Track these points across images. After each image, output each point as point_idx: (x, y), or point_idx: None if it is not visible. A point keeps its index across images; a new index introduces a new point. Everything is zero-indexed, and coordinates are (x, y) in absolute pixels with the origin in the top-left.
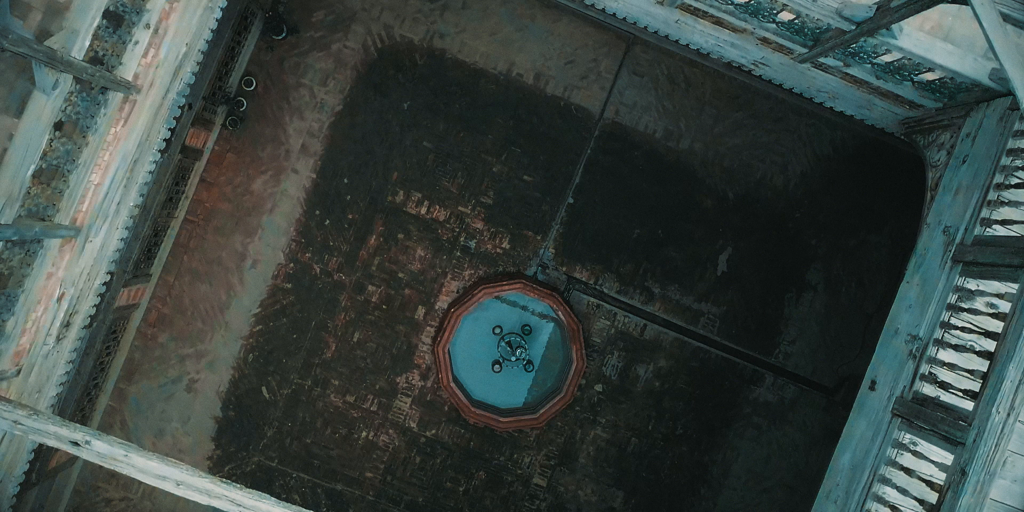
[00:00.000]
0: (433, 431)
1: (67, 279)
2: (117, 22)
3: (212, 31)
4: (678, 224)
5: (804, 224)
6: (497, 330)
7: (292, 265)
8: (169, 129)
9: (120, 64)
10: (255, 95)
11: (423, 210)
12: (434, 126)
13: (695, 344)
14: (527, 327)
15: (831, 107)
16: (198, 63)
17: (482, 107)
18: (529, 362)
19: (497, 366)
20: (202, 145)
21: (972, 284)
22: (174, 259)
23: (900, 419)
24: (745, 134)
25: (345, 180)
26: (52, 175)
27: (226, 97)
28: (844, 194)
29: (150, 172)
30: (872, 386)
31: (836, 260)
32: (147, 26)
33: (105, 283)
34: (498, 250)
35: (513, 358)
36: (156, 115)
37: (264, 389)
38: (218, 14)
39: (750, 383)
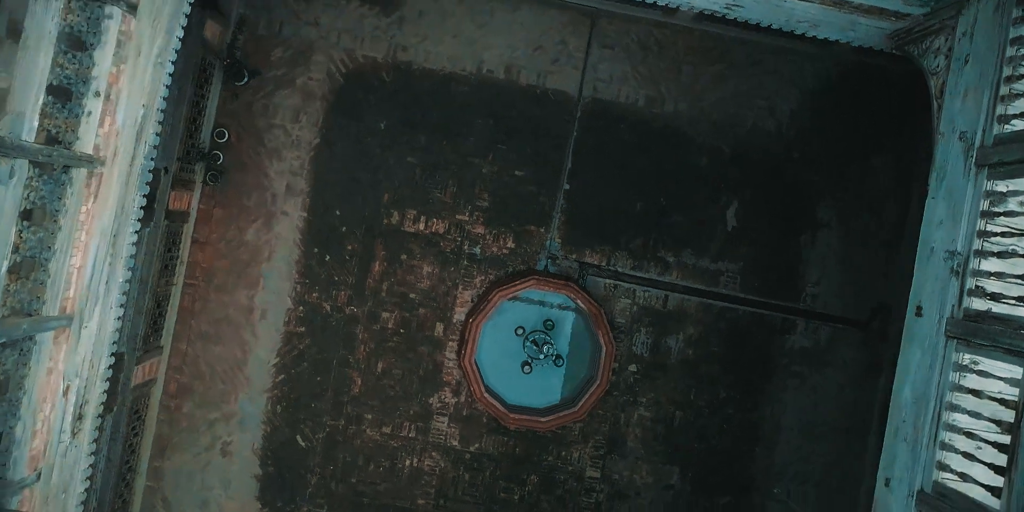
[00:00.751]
0: (476, 445)
1: (69, 371)
2: (65, 96)
3: (167, 86)
4: (678, 189)
5: (804, 163)
6: (519, 331)
7: (301, 308)
8: (144, 195)
9: (77, 139)
10: (230, 146)
11: (421, 226)
12: (414, 140)
13: (720, 305)
14: (549, 322)
15: (813, 36)
16: (159, 122)
17: (458, 111)
18: (558, 356)
19: (527, 367)
20: (187, 206)
21: (1002, 186)
22: (182, 326)
23: (956, 340)
24: (727, 85)
25: (337, 212)
26: (30, 266)
27: (201, 153)
28: (837, 124)
29: (133, 244)
30: (918, 312)
31: (843, 193)
32: (97, 94)
33: (111, 366)
34: (504, 251)
35: (541, 356)
36: (127, 184)
37: (299, 437)
38: (170, 68)
39: (782, 333)
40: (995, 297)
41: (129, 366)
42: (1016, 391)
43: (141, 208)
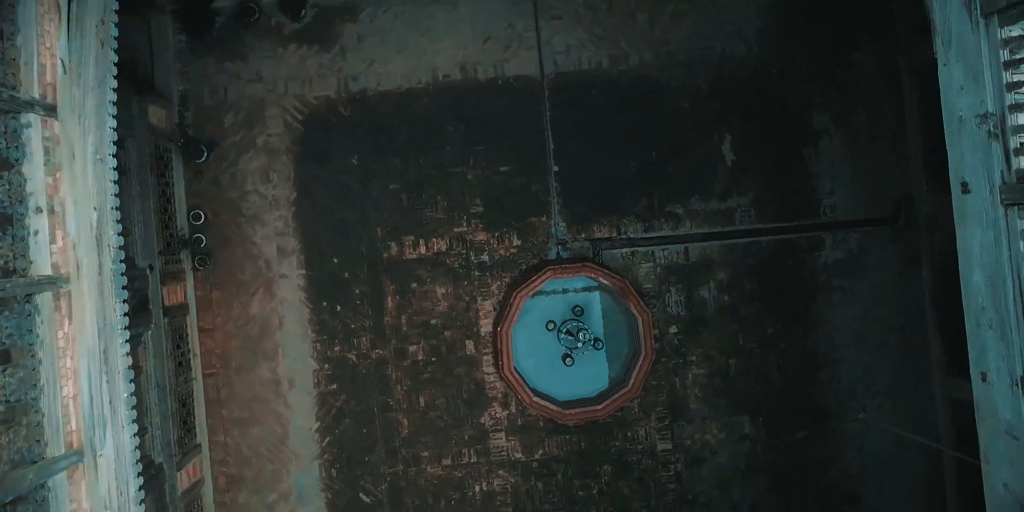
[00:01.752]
0: (540, 451)
1: (96, 505)
2: (4, 220)
3: (116, 182)
4: (667, 138)
5: (785, 77)
6: (550, 325)
7: (327, 365)
8: (124, 301)
9: (30, 263)
10: (209, 225)
11: (422, 250)
12: (390, 166)
13: (742, 242)
14: (577, 308)
15: None
16: (119, 221)
17: (425, 125)
18: (596, 340)
19: (568, 359)
20: (183, 298)
21: (1017, 30)
22: (213, 418)
23: (1016, 207)
24: (686, 22)
25: (335, 260)
26: (21, 411)
27: (183, 241)
28: (805, 30)
29: (127, 354)
30: (964, 188)
31: (832, 96)
32: (39, 210)
33: (150, 479)
34: (512, 250)
35: (579, 344)
36: (102, 294)
37: (362, 495)
38: (112, 163)
39: (812, 251)
40: None
41: (171, 475)
42: None
43: (125, 314)
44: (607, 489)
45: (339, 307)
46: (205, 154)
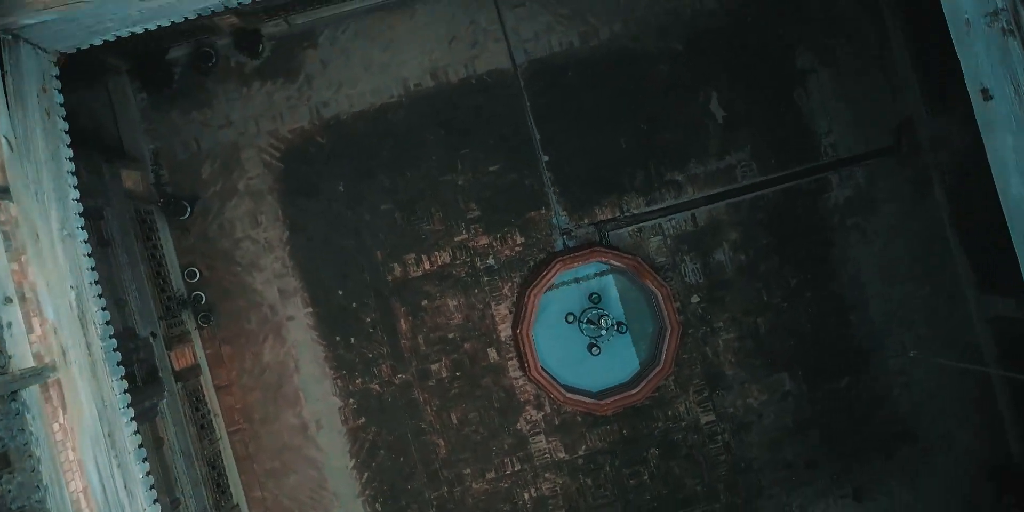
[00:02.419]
0: (583, 447)
1: None
2: None
3: (89, 255)
4: (652, 106)
5: (760, 23)
6: (570, 318)
7: (351, 400)
8: (122, 377)
9: (9, 357)
10: (206, 280)
11: (426, 265)
12: (378, 185)
13: (748, 198)
14: (594, 295)
15: None
16: (100, 295)
17: (406, 137)
18: (618, 324)
19: (595, 349)
20: (193, 359)
21: None
22: (246, 474)
23: None
24: None
25: (339, 292)
26: None
27: (181, 302)
28: None
29: (136, 432)
30: (986, 95)
31: (812, 33)
32: (8, 300)
33: None
34: (517, 249)
35: (603, 331)
36: (95, 375)
37: None
38: (82, 235)
39: (820, 194)
40: None
41: None
42: None
43: (126, 391)
44: (657, 472)
45: (353, 339)
46: (188, 209)
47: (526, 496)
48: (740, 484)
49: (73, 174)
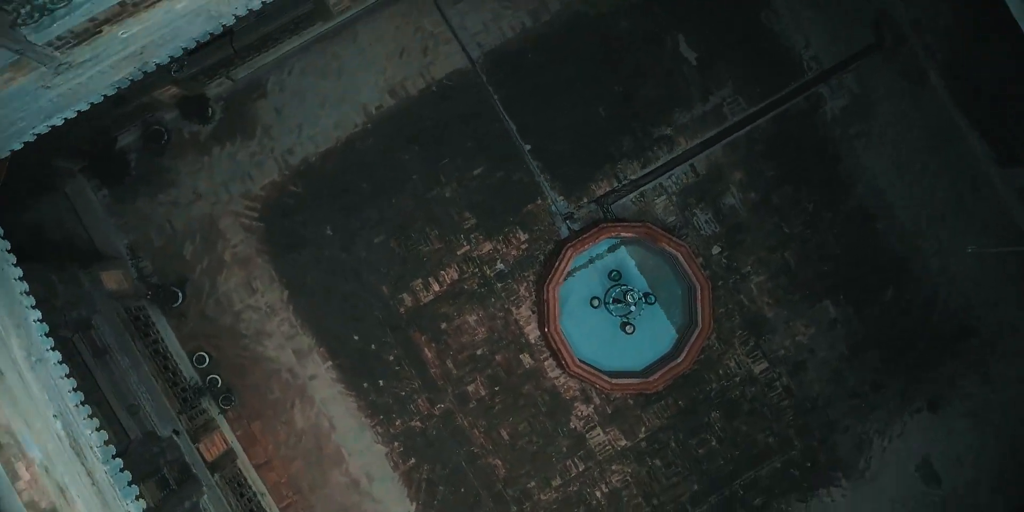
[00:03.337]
0: (642, 429)
1: None
2: None
3: (68, 376)
4: (621, 66)
5: None
6: (595, 302)
7: (396, 444)
8: (137, 497)
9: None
10: (216, 361)
11: (436, 287)
12: (366, 219)
13: (742, 134)
14: (614, 272)
15: None
16: (92, 416)
17: (382, 164)
18: (645, 295)
19: (628, 327)
20: (225, 445)
21: None
22: None
23: None
24: None
25: (355, 337)
26: None
27: (197, 391)
28: None
29: None
30: None
31: None
32: None
33: None
34: (523, 246)
35: (632, 307)
36: (107, 503)
37: None
38: (55, 357)
39: (815, 110)
40: None
41: None
42: None
43: (146, 511)
44: (724, 435)
45: (381, 381)
46: (180, 295)
47: (598, 494)
48: (810, 425)
49: (28, 294)
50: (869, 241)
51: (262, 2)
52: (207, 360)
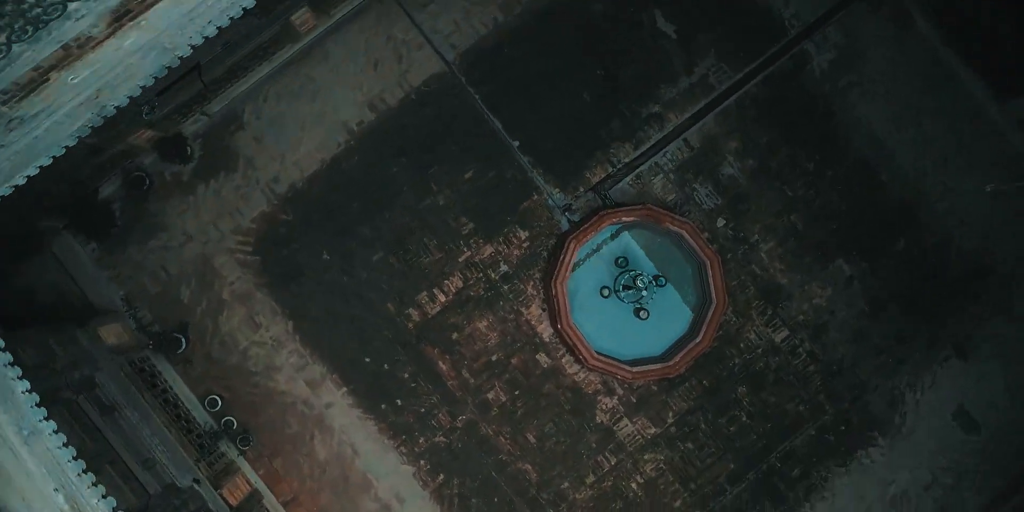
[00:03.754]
0: (670, 414)
1: None
2: None
3: (64, 445)
4: (600, 49)
5: None
6: (605, 291)
7: (422, 462)
8: None
9: None
10: (229, 403)
11: (441, 298)
12: (361, 238)
13: (731, 101)
14: (620, 259)
15: None
16: (95, 483)
17: (369, 180)
18: (655, 278)
19: (642, 313)
20: (248, 487)
21: None
22: None
23: None
24: None
25: (366, 359)
26: None
27: (213, 436)
28: None
29: None
30: None
31: None
32: None
33: None
34: (524, 245)
35: (644, 292)
36: None
37: None
38: (50, 426)
39: (803, 68)
40: None
41: None
42: None
43: None
44: (754, 409)
45: (399, 401)
46: (183, 341)
47: (634, 486)
48: (839, 388)
49: (13, 365)
50: (875, 193)
51: (217, 28)
52: (219, 403)
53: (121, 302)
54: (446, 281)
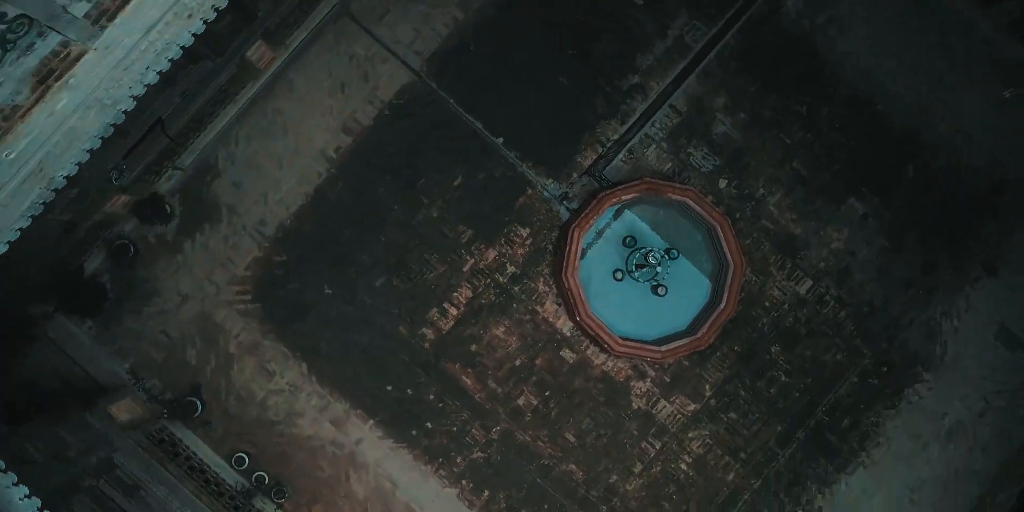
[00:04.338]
0: (706, 386)
1: None
2: None
3: None
4: (568, 29)
5: None
6: (618, 274)
7: (464, 481)
8: None
9: None
10: (256, 457)
11: (453, 311)
12: (359, 266)
13: (711, 57)
14: (628, 238)
15: None
16: None
17: (357, 204)
18: (666, 251)
19: (660, 289)
20: None
21: None
22: None
23: None
24: None
25: (388, 388)
26: None
27: (246, 493)
28: None
29: None
30: None
31: None
32: None
33: None
34: (527, 242)
35: (658, 268)
36: None
37: None
38: None
39: (777, 10)
40: None
41: None
42: None
43: None
44: (791, 366)
45: (429, 424)
46: (198, 403)
47: (683, 466)
48: (874, 329)
49: (5, 471)
50: (874, 125)
51: (157, 73)
52: (247, 460)
53: (127, 375)
54: (454, 293)
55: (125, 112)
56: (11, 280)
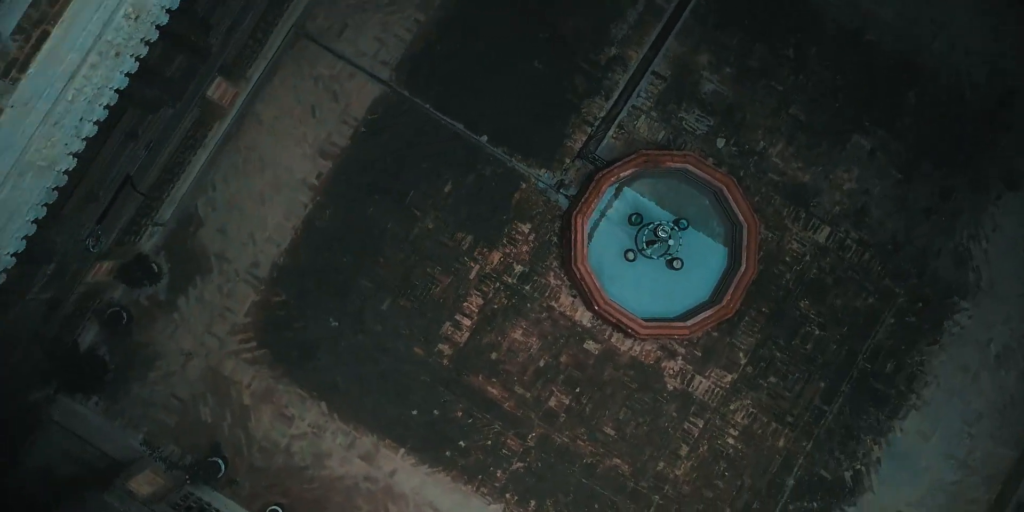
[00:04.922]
0: (739, 355)
1: None
2: None
3: None
4: (536, 14)
5: None
6: (630, 254)
7: (508, 495)
8: None
9: None
10: (290, 508)
11: (467, 323)
12: (363, 292)
13: (686, 16)
14: (633, 216)
15: None
16: None
17: (350, 229)
18: (675, 222)
19: (676, 262)
20: None
21: None
22: None
23: None
24: None
25: (413, 412)
26: None
27: None
28: None
29: None
30: None
31: None
32: None
33: None
34: (530, 237)
35: (669, 242)
36: None
37: None
38: None
39: None
40: None
41: None
42: None
43: None
44: (824, 318)
45: (462, 442)
46: (220, 463)
47: (730, 440)
48: (902, 265)
49: None
50: (868, 56)
51: (94, 123)
52: (280, 509)
53: (142, 447)
54: (464, 303)
55: (65, 172)
56: (4, 368)
